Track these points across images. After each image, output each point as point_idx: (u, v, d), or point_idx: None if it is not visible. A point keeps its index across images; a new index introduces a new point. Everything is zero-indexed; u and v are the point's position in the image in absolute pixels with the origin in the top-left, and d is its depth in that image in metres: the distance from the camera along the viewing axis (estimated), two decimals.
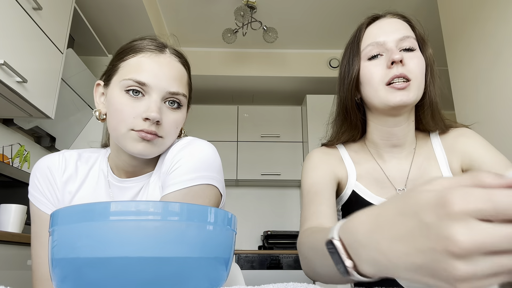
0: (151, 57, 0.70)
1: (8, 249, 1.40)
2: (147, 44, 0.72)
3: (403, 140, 0.82)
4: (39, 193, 0.75)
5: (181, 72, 0.74)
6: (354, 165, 0.85)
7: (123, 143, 0.69)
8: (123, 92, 0.68)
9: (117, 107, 0.68)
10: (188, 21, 3.09)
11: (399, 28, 0.77)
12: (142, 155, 0.69)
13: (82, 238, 0.35)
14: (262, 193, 3.92)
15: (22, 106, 1.75)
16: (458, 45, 2.14)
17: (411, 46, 0.76)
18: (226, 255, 0.40)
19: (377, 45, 0.76)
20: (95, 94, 0.77)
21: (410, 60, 0.74)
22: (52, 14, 1.87)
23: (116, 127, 0.69)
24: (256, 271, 3.08)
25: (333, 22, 3.09)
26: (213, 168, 0.71)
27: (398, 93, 0.73)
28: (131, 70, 0.69)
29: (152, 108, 0.67)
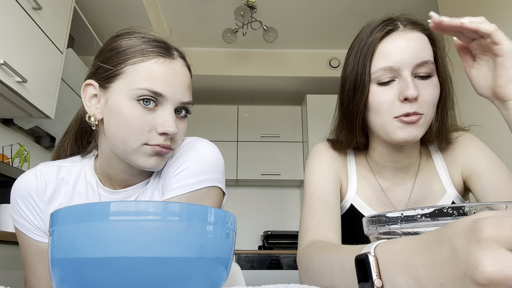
0: (164, 64, 0.64)
1: (8, 249, 1.40)
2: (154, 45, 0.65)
3: (406, 163, 0.77)
4: (22, 219, 0.70)
5: (189, 79, 0.70)
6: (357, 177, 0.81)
7: (132, 157, 0.64)
8: (135, 102, 0.62)
9: (128, 119, 0.62)
10: (188, 21, 3.09)
11: (418, 49, 0.67)
12: (153, 169, 0.66)
13: (82, 238, 0.35)
14: (262, 193, 3.92)
15: (22, 106, 1.75)
16: None
17: (429, 72, 0.68)
18: (226, 255, 0.40)
19: (390, 70, 0.67)
20: (84, 94, 0.68)
21: (424, 91, 0.66)
22: (52, 14, 1.87)
23: (126, 141, 0.63)
24: (256, 271, 3.08)
25: (333, 22, 3.09)
26: (216, 169, 0.69)
27: (407, 128, 0.66)
28: (143, 78, 0.62)
29: (170, 123, 0.63)
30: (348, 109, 0.74)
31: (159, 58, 0.64)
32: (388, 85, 0.68)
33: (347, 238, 0.78)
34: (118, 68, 0.64)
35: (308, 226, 0.72)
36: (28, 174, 0.72)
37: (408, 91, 0.64)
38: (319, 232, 0.69)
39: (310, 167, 0.82)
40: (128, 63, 0.64)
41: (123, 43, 0.67)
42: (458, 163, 0.79)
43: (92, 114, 0.67)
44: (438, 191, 0.77)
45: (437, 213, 0.34)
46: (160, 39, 0.68)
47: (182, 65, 0.68)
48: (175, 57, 0.67)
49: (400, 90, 0.66)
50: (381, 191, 0.78)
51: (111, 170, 0.70)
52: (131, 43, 0.66)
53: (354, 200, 0.79)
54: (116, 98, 0.63)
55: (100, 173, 0.73)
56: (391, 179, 0.78)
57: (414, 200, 0.77)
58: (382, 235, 0.39)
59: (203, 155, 0.69)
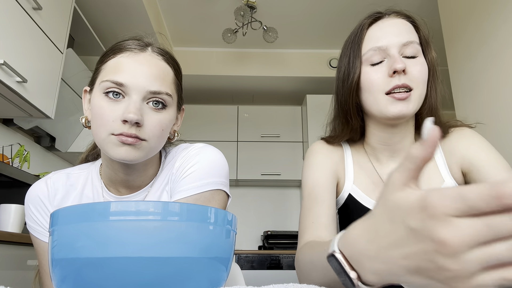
0: (129, 56, 0.67)
1: (8, 249, 1.40)
2: (128, 44, 0.69)
3: (401, 146, 0.79)
4: (36, 224, 0.74)
5: (164, 71, 0.69)
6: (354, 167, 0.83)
7: (105, 149, 0.65)
8: (103, 95, 0.65)
9: (97, 111, 0.65)
10: (188, 21, 3.09)
11: (403, 31, 0.73)
12: (125, 160, 0.65)
13: (82, 238, 0.35)
14: (262, 193, 3.92)
15: (22, 106, 1.75)
16: (458, 45, 2.14)
17: (415, 52, 0.72)
18: (226, 255, 0.40)
19: (379, 51, 0.72)
20: (84, 100, 0.74)
21: (412, 68, 0.71)
22: (52, 14, 1.87)
23: (97, 132, 0.66)
24: (256, 271, 3.08)
25: (333, 22, 3.09)
26: (221, 173, 0.73)
27: (398, 104, 0.70)
28: (109, 71, 0.66)
29: (130, 109, 0.63)
30: (344, 94, 0.78)
31: (125, 53, 0.67)
32: (378, 65, 0.73)
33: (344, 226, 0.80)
34: (97, 69, 0.70)
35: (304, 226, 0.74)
36: (39, 182, 0.77)
37: (396, 64, 0.69)
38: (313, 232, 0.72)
39: (306, 166, 0.85)
40: (103, 63, 0.69)
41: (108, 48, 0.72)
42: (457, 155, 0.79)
43: (85, 116, 0.72)
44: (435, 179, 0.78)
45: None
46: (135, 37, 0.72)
47: (152, 57, 0.69)
48: (145, 50, 0.69)
49: (389, 66, 0.71)
50: (379, 178, 0.80)
51: (112, 172, 0.73)
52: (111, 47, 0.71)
53: (351, 190, 0.81)
54: (94, 96, 0.68)
55: (104, 178, 0.76)
56: (388, 164, 0.80)
57: None
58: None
59: (209, 160, 0.72)
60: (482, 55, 1.92)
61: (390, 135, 0.78)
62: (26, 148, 2.25)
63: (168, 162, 0.77)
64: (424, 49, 0.76)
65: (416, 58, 0.72)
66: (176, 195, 0.70)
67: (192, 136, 3.59)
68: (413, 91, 0.71)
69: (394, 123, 0.75)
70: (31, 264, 1.53)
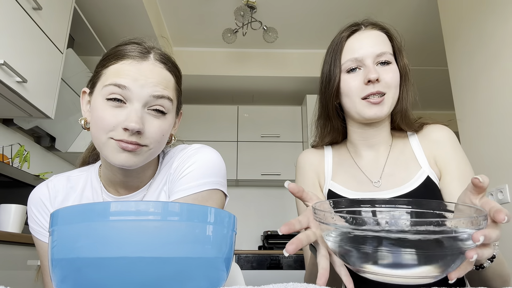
0: (132, 64, 0.67)
1: (8, 249, 1.40)
2: (130, 49, 0.69)
3: (379, 139, 0.88)
4: (37, 225, 0.76)
5: (166, 78, 0.70)
6: (333, 165, 0.91)
7: (105, 152, 0.66)
8: (105, 100, 0.65)
9: (99, 115, 0.65)
10: (188, 21, 3.09)
11: (378, 43, 0.82)
12: (124, 166, 0.66)
13: (82, 238, 0.35)
14: (262, 193, 3.92)
15: (22, 106, 1.75)
16: (458, 45, 2.14)
17: (387, 60, 0.81)
18: (226, 255, 0.40)
19: (356, 61, 0.81)
20: (82, 102, 0.74)
21: (385, 75, 0.80)
22: (52, 14, 1.87)
23: (97, 136, 0.66)
24: (256, 271, 3.08)
25: (333, 22, 3.08)
26: (218, 173, 0.74)
27: (373, 108, 0.80)
28: (110, 76, 0.66)
29: (131, 118, 0.64)
30: (326, 97, 0.88)
31: (128, 60, 0.68)
32: (355, 72, 0.82)
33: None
34: (98, 73, 0.70)
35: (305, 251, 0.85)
36: (41, 185, 0.79)
37: (370, 74, 0.78)
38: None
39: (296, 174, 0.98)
40: (104, 67, 0.69)
41: (108, 52, 0.72)
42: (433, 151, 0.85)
43: (84, 118, 0.73)
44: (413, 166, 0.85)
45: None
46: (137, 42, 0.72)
47: (155, 66, 0.69)
48: (147, 59, 0.69)
49: (364, 75, 0.80)
50: (358, 169, 0.88)
51: (111, 173, 0.74)
52: (112, 51, 0.71)
53: (330, 185, 0.89)
54: (95, 99, 0.69)
55: (103, 179, 0.77)
56: (366, 156, 0.89)
57: (387, 172, 0.85)
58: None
59: (206, 160, 0.74)
60: (482, 55, 1.92)
61: (368, 131, 0.87)
62: (26, 148, 2.25)
63: (166, 162, 0.78)
64: (396, 57, 0.85)
65: (389, 65, 0.82)
66: (174, 195, 0.71)
67: (192, 136, 3.59)
68: (386, 95, 0.80)
69: (371, 123, 0.85)
70: (31, 264, 1.53)
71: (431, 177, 0.82)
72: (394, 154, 0.87)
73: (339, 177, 0.89)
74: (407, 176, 0.83)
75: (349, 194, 0.85)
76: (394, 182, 0.83)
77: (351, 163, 0.89)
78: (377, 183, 0.84)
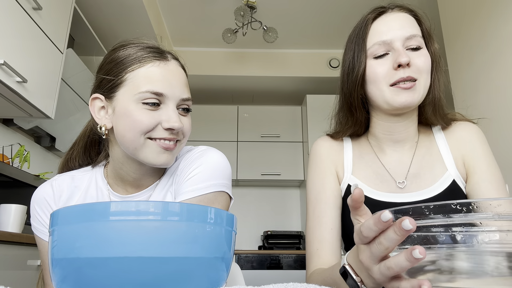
0: (160, 65, 0.70)
1: (8, 249, 1.40)
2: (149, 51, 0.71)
3: (405, 135, 0.81)
4: (40, 224, 0.76)
5: (185, 78, 0.75)
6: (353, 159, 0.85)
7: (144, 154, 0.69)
8: (140, 104, 0.67)
9: (136, 118, 0.67)
10: (188, 21, 3.09)
11: (406, 25, 0.75)
12: (164, 165, 0.70)
13: (82, 238, 0.35)
14: (262, 193, 3.92)
15: (22, 106, 1.75)
16: (458, 45, 2.14)
17: (418, 44, 0.75)
18: (226, 255, 0.40)
19: (383, 44, 0.75)
20: (93, 108, 0.74)
21: (417, 59, 0.73)
22: (52, 14, 1.87)
23: (132, 139, 0.68)
24: (256, 271, 3.08)
25: (333, 22, 3.09)
26: (224, 175, 0.75)
27: (404, 93, 0.72)
28: (143, 81, 0.68)
29: (174, 118, 0.68)
30: (349, 86, 0.80)
31: (155, 62, 0.70)
32: (383, 58, 0.75)
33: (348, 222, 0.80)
34: (119, 77, 0.70)
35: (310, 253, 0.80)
36: (45, 184, 0.79)
37: (401, 58, 0.71)
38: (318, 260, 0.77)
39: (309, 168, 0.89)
40: (128, 71, 0.69)
41: (120, 54, 0.72)
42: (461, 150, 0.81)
43: (103, 124, 0.72)
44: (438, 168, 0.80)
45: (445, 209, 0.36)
46: (153, 45, 0.74)
47: (177, 65, 0.73)
48: (169, 59, 0.72)
49: (394, 59, 0.73)
50: (382, 166, 0.82)
51: (123, 172, 0.75)
52: (127, 53, 0.71)
53: (350, 180, 0.83)
54: (123, 104, 0.69)
55: (111, 178, 0.78)
56: (390, 153, 0.83)
57: (413, 173, 0.80)
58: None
59: (212, 162, 0.75)
60: (482, 55, 1.92)
61: (395, 124, 0.80)
62: (26, 148, 2.25)
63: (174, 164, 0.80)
64: (426, 41, 0.78)
65: (420, 50, 0.75)
66: (179, 197, 0.72)
67: (192, 136, 3.57)
68: (418, 81, 0.73)
69: (400, 112, 0.78)
70: (31, 264, 1.53)
71: (457, 181, 0.78)
72: (420, 152, 0.81)
73: (360, 172, 0.83)
74: (433, 179, 0.78)
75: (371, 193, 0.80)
76: (419, 184, 0.78)
77: (373, 158, 0.83)
78: (401, 184, 0.79)
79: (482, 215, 0.35)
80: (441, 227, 0.36)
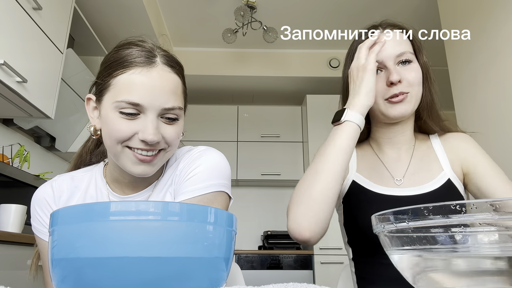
0: (142, 72, 0.66)
1: (8, 249, 1.40)
2: (136, 55, 0.67)
3: (402, 139, 0.90)
4: (40, 225, 0.76)
5: (175, 83, 0.70)
6: (357, 158, 0.93)
7: (122, 162, 0.68)
8: (117, 113, 0.65)
9: (113, 127, 0.66)
10: (188, 21, 3.09)
11: (397, 44, 0.84)
12: (142, 175, 0.69)
13: (82, 238, 0.35)
14: (262, 193, 3.92)
15: (22, 106, 1.75)
16: (458, 45, 2.14)
17: (408, 59, 0.83)
18: (226, 255, 0.40)
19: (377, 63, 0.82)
20: (88, 108, 0.74)
21: (407, 75, 0.82)
22: (52, 14, 1.87)
23: (111, 145, 0.67)
24: (256, 271, 3.09)
25: (333, 22, 3.08)
26: (224, 176, 0.75)
27: (397, 106, 0.82)
28: (122, 90, 0.65)
29: (149, 130, 0.65)
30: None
31: (137, 68, 0.66)
32: (377, 74, 0.84)
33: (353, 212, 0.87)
34: (106, 82, 0.68)
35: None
36: (45, 185, 0.78)
37: (392, 77, 0.80)
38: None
39: None
40: (113, 76, 0.67)
41: (111, 56, 0.70)
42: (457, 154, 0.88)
43: (93, 125, 0.73)
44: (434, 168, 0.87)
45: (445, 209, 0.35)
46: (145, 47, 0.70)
47: (164, 71, 0.68)
48: (155, 64, 0.68)
49: (387, 77, 0.82)
50: (382, 164, 0.90)
51: (118, 174, 0.75)
52: (116, 56, 0.69)
53: (355, 177, 0.90)
54: (105, 110, 0.68)
55: (109, 179, 0.78)
56: (390, 154, 0.91)
57: (410, 172, 0.87)
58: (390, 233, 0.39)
59: (212, 162, 0.74)
60: (482, 55, 1.92)
61: (392, 130, 0.89)
62: (26, 148, 2.25)
63: (171, 163, 0.79)
64: (417, 55, 0.87)
65: (410, 63, 0.84)
66: (179, 197, 0.72)
67: (192, 136, 3.59)
68: (410, 93, 0.82)
69: (396, 122, 0.87)
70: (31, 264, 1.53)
71: (452, 180, 0.85)
72: (418, 154, 0.90)
73: (364, 170, 0.91)
74: (429, 177, 0.85)
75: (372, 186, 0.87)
76: (415, 181, 0.85)
77: (374, 158, 0.92)
78: (399, 181, 0.86)
79: (482, 215, 0.35)
80: (441, 227, 0.36)
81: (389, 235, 0.39)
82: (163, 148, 0.69)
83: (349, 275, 0.97)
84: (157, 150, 0.68)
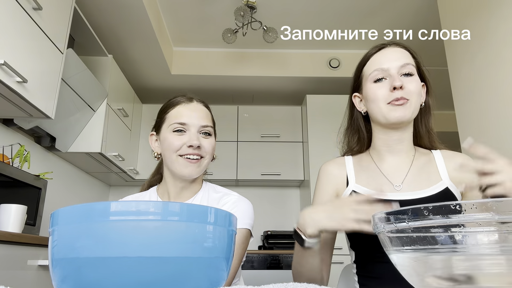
0: (185, 106, 1.03)
1: (8, 249, 1.40)
2: (180, 99, 1.05)
3: (400, 147, 0.95)
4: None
5: (206, 112, 1.07)
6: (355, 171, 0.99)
7: (175, 167, 0.99)
8: (172, 132, 1.00)
9: (169, 141, 0.99)
10: (188, 21, 3.09)
11: (401, 57, 0.92)
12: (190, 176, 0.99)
13: (82, 238, 0.35)
14: (262, 193, 3.91)
15: (22, 106, 1.75)
16: (458, 45, 2.14)
17: (410, 71, 0.91)
18: (226, 255, 0.40)
19: (381, 71, 0.91)
20: (151, 142, 1.08)
21: (408, 84, 0.89)
22: (52, 14, 1.87)
23: (169, 156, 0.99)
24: (256, 271, 3.08)
25: (333, 22, 3.08)
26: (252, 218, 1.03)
27: (398, 110, 0.88)
28: (173, 117, 1.01)
29: (192, 138, 0.98)
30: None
31: (182, 104, 1.04)
32: (381, 82, 0.92)
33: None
34: (162, 118, 1.05)
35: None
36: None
37: (395, 82, 0.88)
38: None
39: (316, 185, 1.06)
40: (166, 112, 1.04)
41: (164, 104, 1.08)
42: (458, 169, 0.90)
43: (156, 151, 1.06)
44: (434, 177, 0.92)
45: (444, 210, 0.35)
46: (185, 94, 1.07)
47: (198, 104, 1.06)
48: (193, 100, 1.06)
49: (390, 83, 0.90)
50: (381, 173, 0.95)
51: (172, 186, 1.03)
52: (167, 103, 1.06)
53: (354, 187, 0.96)
54: (163, 135, 1.02)
55: (161, 193, 1.07)
56: (389, 162, 0.96)
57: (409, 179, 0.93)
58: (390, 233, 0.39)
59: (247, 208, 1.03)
60: (482, 55, 1.92)
61: (392, 137, 0.95)
62: (26, 148, 2.25)
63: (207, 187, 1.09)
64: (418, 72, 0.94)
65: (412, 76, 0.91)
66: None
67: None
68: (409, 101, 0.89)
69: (396, 126, 0.92)
70: (31, 264, 1.53)
71: (450, 188, 0.90)
72: (417, 164, 0.95)
73: (362, 180, 0.96)
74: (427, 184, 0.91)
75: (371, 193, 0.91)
76: (414, 187, 0.90)
77: (373, 168, 0.97)
78: (398, 187, 0.92)
79: (482, 215, 0.35)
80: (440, 227, 0.36)
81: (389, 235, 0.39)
82: (203, 156, 1.00)
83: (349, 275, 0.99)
84: (199, 157, 0.99)
